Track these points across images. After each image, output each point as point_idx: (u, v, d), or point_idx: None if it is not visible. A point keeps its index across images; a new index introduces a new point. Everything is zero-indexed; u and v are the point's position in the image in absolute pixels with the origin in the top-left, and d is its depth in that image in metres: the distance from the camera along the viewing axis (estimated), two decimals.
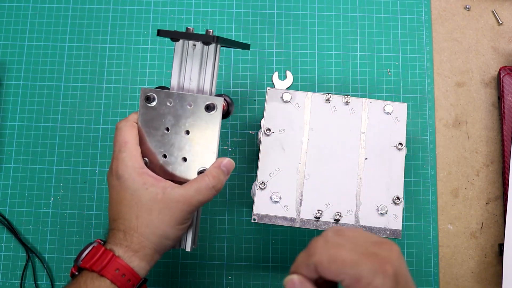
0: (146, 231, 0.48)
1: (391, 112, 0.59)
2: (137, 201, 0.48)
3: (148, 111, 0.51)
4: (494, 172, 0.67)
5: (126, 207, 0.49)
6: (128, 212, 0.49)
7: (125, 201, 0.49)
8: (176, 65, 0.53)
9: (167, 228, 0.49)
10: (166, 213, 0.48)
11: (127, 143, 0.50)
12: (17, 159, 0.68)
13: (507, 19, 0.72)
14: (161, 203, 0.48)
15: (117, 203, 0.50)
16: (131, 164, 0.49)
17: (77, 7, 0.72)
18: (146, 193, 0.48)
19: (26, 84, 0.70)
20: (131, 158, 0.49)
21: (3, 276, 0.64)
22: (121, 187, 0.49)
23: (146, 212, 0.48)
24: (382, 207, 0.57)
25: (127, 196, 0.49)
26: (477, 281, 0.65)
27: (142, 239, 0.48)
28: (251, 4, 0.72)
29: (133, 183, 0.49)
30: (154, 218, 0.48)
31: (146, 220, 0.48)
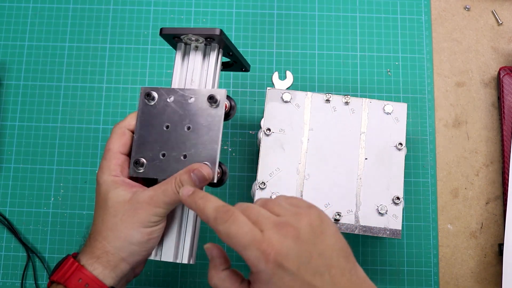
0: (109, 234, 0.47)
1: (391, 112, 0.59)
2: (104, 204, 0.48)
3: (148, 109, 0.51)
4: (494, 172, 0.67)
5: (96, 212, 0.49)
6: (96, 216, 0.49)
7: (97, 206, 0.49)
8: (177, 66, 0.53)
9: (131, 231, 0.47)
10: (129, 214, 0.47)
11: (109, 151, 0.50)
12: (17, 159, 0.68)
13: (507, 19, 0.72)
14: (127, 204, 0.47)
15: (95, 208, 0.50)
16: (108, 171, 0.49)
17: (77, 7, 0.72)
18: (115, 196, 0.48)
19: (26, 84, 0.70)
20: (109, 166, 0.49)
21: (4, 276, 0.64)
22: (97, 193, 0.49)
23: (111, 215, 0.47)
24: (382, 207, 0.57)
25: (99, 200, 0.49)
26: (477, 281, 0.65)
27: (105, 243, 0.47)
28: (251, 4, 0.72)
29: (106, 188, 0.48)
30: (118, 221, 0.47)
31: (110, 223, 0.47)
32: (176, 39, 0.52)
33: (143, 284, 0.65)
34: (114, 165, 0.49)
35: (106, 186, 0.48)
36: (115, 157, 0.50)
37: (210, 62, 0.53)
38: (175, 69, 0.53)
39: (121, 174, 0.50)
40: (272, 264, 0.38)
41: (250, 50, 0.71)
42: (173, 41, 0.53)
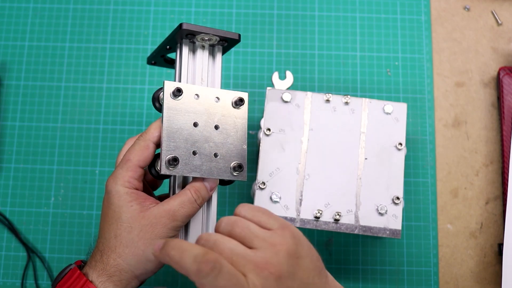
0: (125, 251, 0.45)
1: (391, 112, 0.59)
2: (117, 218, 0.46)
3: (174, 105, 0.48)
4: (494, 172, 0.67)
5: (107, 224, 0.47)
6: (107, 230, 0.46)
7: (107, 218, 0.47)
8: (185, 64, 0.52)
9: (149, 248, 0.45)
10: (147, 231, 0.45)
11: (128, 161, 0.48)
12: (17, 159, 0.68)
13: (507, 20, 0.72)
14: (143, 219, 0.45)
15: (102, 220, 0.48)
16: (122, 182, 0.47)
17: (77, 7, 0.72)
18: (129, 210, 0.46)
19: (26, 84, 0.70)
20: (124, 176, 0.47)
21: (4, 276, 0.64)
22: (107, 203, 0.47)
23: (126, 231, 0.45)
24: (381, 207, 0.57)
25: (109, 212, 0.47)
26: (477, 281, 0.65)
27: (120, 261, 0.45)
28: (251, 4, 0.72)
29: (118, 200, 0.46)
30: (134, 237, 0.45)
31: (125, 239, 0.45)
32: (189, 36, 0.51)
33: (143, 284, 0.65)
34: (130, 178, 0.47)
35: (119, 198, 0.46)
36: (133, 170, 0.47)
37: (216, 61, 0.53)
38: (183, 67, 0.51)
39: (137, 188, 0.48)
40: None
41: (250, 50, 0.71)
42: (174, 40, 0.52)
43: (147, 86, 0.70)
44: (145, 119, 0.69)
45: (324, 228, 0.56)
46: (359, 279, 0.64)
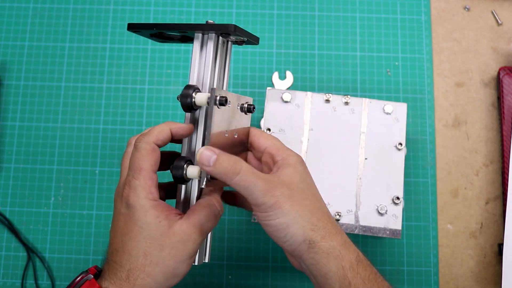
0: (155, 270, 0.43)
1: (391, 112, 0.59)
2: (146, 236, 0.43)
3: (220, 114, 0.46)
4: (494, 172, 0.67)
5: (133, 241, 0.44)
6: (135, 248, 0.44)
7: (132, 234, 0.44)
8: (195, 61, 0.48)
9: (179, 264, 0.44)
10: (179, 248, 0.44)
11: (142, 170, 0.44)
12: (17, 159, 0.68)
13: (507, 20, 0.72)
14: (173, 236, 0.44)
15: (123, 234, 0.45)
16: (144, 194, 0.44)
17: (77, 7, 0.72)
18: (158, 227, 0.43)
19: (26, 84, 0.70)
20: (145, 188, 0.44)
21: (4, 276, 0.64)
22: (130, 217, 0.44)
23: (157, 249, 0.43)
24: (382, 207, 0.57)
25: (135, 228, 0.44)
26: (477, 281, 0.65)
27: (149, 280, 0.43)
28: (251, 4, 0.72)
29: (145, 216, 0.44)
30: (166, 255, 0.43)
31: (156, 258, 0.43)
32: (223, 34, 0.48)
33: None
34: (150, 187, 0.44)
35: (146, 213, 0.44)
36: (150, 177, 0.44)
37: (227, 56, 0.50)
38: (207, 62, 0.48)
39: (159, 198, 0.45)
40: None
41: (250, 50, 0.71)
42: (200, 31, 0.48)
43: (147, 86, 0.70)
44: (145, 119, 0.69)
45: None
46: None
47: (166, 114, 0.69)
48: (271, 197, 0.42)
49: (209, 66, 0.48)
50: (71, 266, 0.65)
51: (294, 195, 0.43)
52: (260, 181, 0.42)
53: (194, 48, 0.48)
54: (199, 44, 0.49)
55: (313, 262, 0.43)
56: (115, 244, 0.45)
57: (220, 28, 0.47)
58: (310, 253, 0.43)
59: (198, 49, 0.48)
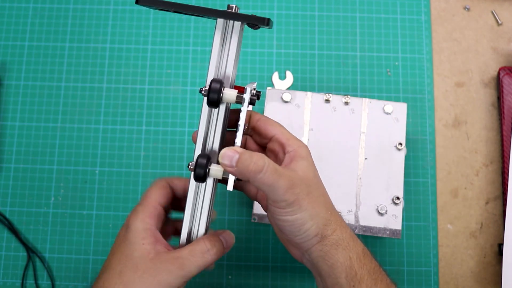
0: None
1: (391, 112, 0.60)
2: (127, 255, 0.44)
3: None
4: (494, 172, 0.67)
5: (115, 259, 0.45)
6: (114, 265, 0.45)
7: (118, 253, 0.45)
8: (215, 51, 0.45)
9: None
10: (151, 274, 0.43)
11: (148, 198, 0.48)
12: (17, 159, 0.68)
13: (507, 20, 0.72)
14: (150, 262, 0.44)
15: (112, 253, 0.46)
16: (141, 217, 0.46)
17: (77, 7, 0.72)
18: (139, 249, 0.44)
19: (26, 84, 0.70)
20: (144, 213, 0.47)
21: (4, 276, 0.64)
22: (123, 236, 0.46)
23: (131, 270, 0.44)
24: (382, 207, 0.57)
25: (121, 247, 0.45)
26: (477, 281, 0.65)
27: None
28: (251, 4, 0.72)
29: (133, 236, 0.45)
30: (136, 278, 0.43)
31: (128, 279, 0.43)
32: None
33: None
34: (150, 214, 0.47)
35: (136, 234, 0.45)
36: (153, 206, 0.47)
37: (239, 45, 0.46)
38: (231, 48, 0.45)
39: (154, 226, 0.47)
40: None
41: (250, 50, 0.71)
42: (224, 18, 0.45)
43: (147, 86, 0.70)
44: (145, 119, 0.69)
45: None
46: None
47: (166, 114, 0.69)
48: (292, 194, 0.42)
49: (232, 58, 0.45)
50: (71, 266, 0.65)
51: (311, 192, 0.43)
52: (282, 179, 0.42)
53: (215, 37, 0.45)
54: (221, 32, 0.45)
55: (321, 254, 0.44)
56: (103, 266, 0.46)
57: (255, 20, 0.43)
58: (319, 246, 0.44)
59: (220, 38, 0.45)
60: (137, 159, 0.68)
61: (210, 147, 0.46)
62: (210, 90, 0.43)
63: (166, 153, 0.68)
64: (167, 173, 0.67)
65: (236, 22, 0.44)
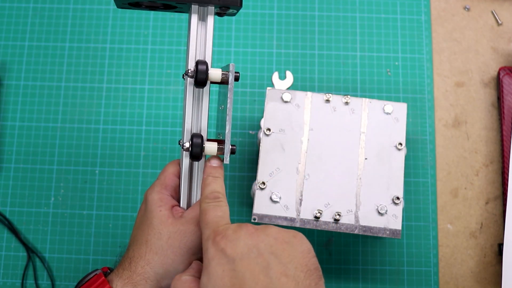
0: (154, 258, 0.44)
1: (391, 112, 0.60)
2: (149, 224, 0.45)
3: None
4: (494, 172, 0.67)
5: (139, 230, 0.46)
6: (139, 236, 0.46)
7: (141, 225, 0.46)
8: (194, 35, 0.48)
9: (178, 257, 0.44)
10: (176, 238, 0.44)
11: (163, 173, 0.49)
12: (17, 159, 0.68)
13: (507, 20, 0.72)
14: (171, 226, 0.44)
15: (136, 227, 0.47)
16: (158, 189, 0.47)
17: (77, 7, 0.72)
18: (158, 216, 0.45)
19: (26, 84, 0.70)
20: (159, 185, 0.48)
21: (4, 276, 0.64)
22: (143, 210, 0.47)
23: (155, 237, 0.44)
24: (381, 207, 0.57)
25: (143, 219, 0.46)
26: (477, 281, 0.65)
27: (148, 268, 0.44)
28: (251, 4, 0.72)
29: (151, 205, 0.46)
30: (163, 244, 0.44)
31: (155, 246, 0.44)
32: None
33: None
34: (166, 186, 0.48)
35: (153, 203, 0.46)
36: (169, 178, 0.48)
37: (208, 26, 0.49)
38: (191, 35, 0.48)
39: (169, 196, 0.48)
40: (215, 246, 0.37)
41: (250, 50, 0.71)
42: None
43: (147, 86, 0.70)
44: (145, 119, 0.69)
45: (324, 228, 0.56)
46: (359, 279, 0.64)
47: (166, 114, 0.69)
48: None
49: (210, 40, 0.48)
50: (71, 266, 0.65)
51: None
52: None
53: (192, 20, 0.48)
54: (197, 17, 0.48)
55: None
56: (130, 240, 0.47)
57: (227, 1, 0.47)
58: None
59: (196, 23, 0.48)
60: (137, 159, 0.68)
61: (199, 126, 0.49)
62: (197, 72, 0.45)
63: (166, 153, 0.68)
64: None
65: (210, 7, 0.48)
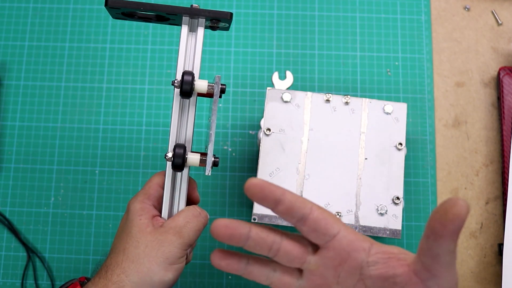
0: (130, 267, 0.44)
1: (391, 112, 0.60)
2: (128, 232, 0.46)
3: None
4: (494, 172, 0.67)
5: (119, 239, 0.46)
6: (119, 245, 0.46)
7: (121, 233, 0.47)
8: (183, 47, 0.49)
9: (154, 266, 0.44)
10: (153, 247, 0.44)
11: (147, 183, 0.49)
12: (17, 159, 0.68)
13: (507, 20, 0.72)
14: (149, 236, 0.45)
15: (117, 236, 0.48)
16: (140, 198, 0.48)
17: (77, 7, 0.72)
18: (137, 224, 0.45)
19: (26, 84, 0.70)
20: (142, 194, 0.48)
21: (4, 276, 0.64)
22: (124, 219, 0.48)
23: (133, 245, 0.44)
24: (382, 207, 0.57)
25: (124, 227, 0.47)
26: (477, 281, 0.65)
27: (123, 277, 0.44)
28: (251, 4, 0.72)
29: (132, 213, 0.46)
30: (140, 252, 0.44)
31: (132, 254, 0.44)
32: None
33: None
34: (149, 196, 0.48)
35: (134, 212, 0.46)
36: (152, 189, 0.49)
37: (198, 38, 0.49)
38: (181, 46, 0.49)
39: (151, 206, 0.48)
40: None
41: (250, 50, 0.71)
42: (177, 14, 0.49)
43: (147, 86, 0.70)
44: (145, 119, 0.69)
45: None
46: None
47: (166, 114, 0.69)
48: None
49: (199, 51, 0.48)
50: (71, 266, 0.65)
51: None
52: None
53: (182, 32, 0.49)
54: (188, 28, 0.49)
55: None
56: (111, 248, 0.47)
57: (217, 14, 0.48)
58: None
59: (186, 34, 0.49)
60: (137, 159, 0.68)
61: (184, 137, 0.49)
62: (183, 82, 0.46)
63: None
64: None
65: (201, 19, 0.48)
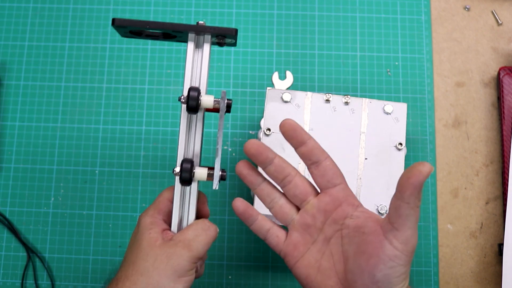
0: (139, 280, 0.44)
1: (391, 112, 0.59)
2: (138, 246, 0.46)
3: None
4: (494, 172, 0.67)
5: (129, 252, 0.47)
6: (129, 258, 0.46)
7: (132, 247, 0.47)
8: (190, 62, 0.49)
9: (163, 279, 0.44)
10: (162, 261, 0.44)
11: (158, 197, 0.50)
12: (17, 159, 0.68)
13: (507, 20, 0.72)
14: (158, 249, 0.45)
15: (128, 249, 0.48)
16: (150, 213, 0.48)
17: (77, 7, 0.72)
18: (147, 238, 0.46)
19: (26, 84, 0.70)
20: (153, 209, 0.48)
21: (4, 276, 0.64)
22: (135, 232, 0.48)
23: (142, 259, 0.45)
24: (382, 207, 0.57)
25: (134, 240, 0.47)
26: (477, 281, 0.65)
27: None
28: (251, 4, 0.72)
29: (143, 227, 0.47)
30: (149, 265, 0.44)
31: (141, 267, 0.44)
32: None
33: None
34: (159, 210, 0.48)
35: (144, 226, 0.47)
36: (162, 203, 0.49)
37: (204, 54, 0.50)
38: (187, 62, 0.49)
39: (162, 220, 0.48)
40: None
41: (250, 50, 0.71)
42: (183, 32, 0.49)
43: (147, 86, 0.70)
44: (145, 119, 0.69)
45: None
46: None
47: (166, 114, 0.69)
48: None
49: (206, 67, 0.49)
50: (71, 266, 0.65)
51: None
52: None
53: (188, 49, 0.49)
54: (194, 45, 0.49)
55: None
56: (122, 260, 0.48)
57: (222, 31, 0.48)
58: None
59: (192, 50, 0.49)
60: (137, 159, 0.68)
61: (192, 151, 0.48)
62: (189, 98, 0.46)
63: (166, 153, 0.68)
64: (167, 173, 0.67)
65: (207, 35, 0.49)
